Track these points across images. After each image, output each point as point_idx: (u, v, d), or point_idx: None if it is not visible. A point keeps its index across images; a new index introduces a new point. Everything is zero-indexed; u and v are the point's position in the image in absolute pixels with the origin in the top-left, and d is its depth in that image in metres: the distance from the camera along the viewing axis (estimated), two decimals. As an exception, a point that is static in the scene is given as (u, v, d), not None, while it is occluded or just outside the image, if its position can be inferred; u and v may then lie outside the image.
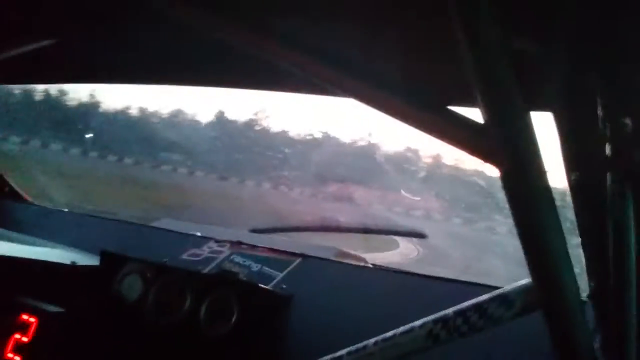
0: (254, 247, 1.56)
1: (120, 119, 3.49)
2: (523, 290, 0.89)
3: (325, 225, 1.85)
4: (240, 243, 1.58)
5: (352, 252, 1.73)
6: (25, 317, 1.27)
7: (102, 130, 3.48)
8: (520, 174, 0.69)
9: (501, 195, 0.72)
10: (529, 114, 0.67)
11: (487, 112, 0.67)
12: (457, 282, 1.37)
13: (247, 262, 1.47)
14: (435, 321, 0.96)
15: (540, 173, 0.69)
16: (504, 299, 0.91)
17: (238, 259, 1.49)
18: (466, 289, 1.33)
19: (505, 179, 0.71)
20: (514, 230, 0.73)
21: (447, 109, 0.75)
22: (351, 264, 1.53)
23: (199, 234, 1.70)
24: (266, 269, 1.44)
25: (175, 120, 3.67)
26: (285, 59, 0.80)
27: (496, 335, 0.94)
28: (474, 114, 0.72)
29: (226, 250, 1.54)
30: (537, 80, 0.70)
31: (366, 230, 1.87)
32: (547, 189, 0.70)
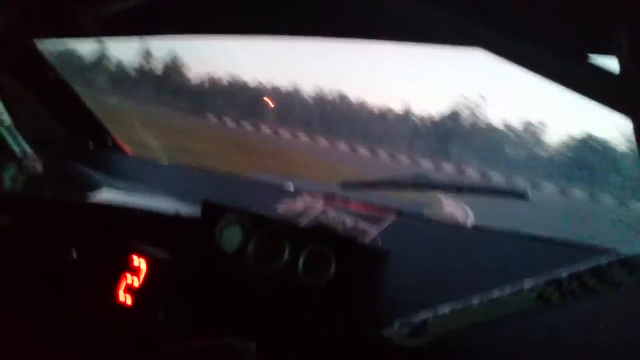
0: (347, 201, 1.55)
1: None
2: None
3: (417, 182, 1.80)
4: (333, 197, 1.58)
5: (446, 210, 1.69)
6: (136, 262, 1.35)
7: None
8: None
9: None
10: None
11: (629, 59, 0.61)
12: (565, 243, 1.29)
13: (342, 217, 1.47)
14: (547, 283, 0.91)
15: None
16: (626, 263, 0.84)
17: (332, 212, 1.49)
18: (574, 250, 1.26)
19: None
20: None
21: (580, 57, 0.69)
22: (447, 222, 1.49)
23: (292, 187, 1.71)
24: (361, 223, 1.43)
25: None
26: (410, 6, 0.76)
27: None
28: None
29: (320, 204, 1.55)
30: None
31: (461, 189, 1.80)
32: None
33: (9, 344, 1.28)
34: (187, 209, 1.53)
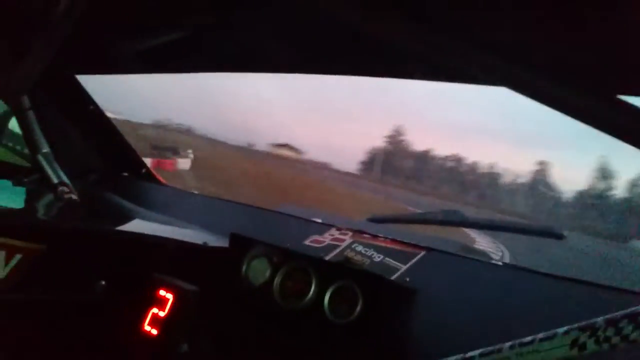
0: (375, 236, 1.53)
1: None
2: None
3: (447, 218, 1.77)
4: (361, 232, 1.56)
5: (478, 247, 1.64)
6: (162, 292, 1.35)
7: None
8: None
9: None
10: None
11: None
12: (602, 286, 1.24)
13: (370, 252, 1.44)
14: (581, 329, 0.87)
15: None
16: (665, 311, 0.80)
17: (360, 248, 1.47)
18: (612, 294, 1.20)
19: None
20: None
21: (617, 99, 0.67)
22: (479, 260, 1.44)
23: (320, 220, 1.70)
24: (389, 260, 1.40)
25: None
26: (436, 46, 0.76)
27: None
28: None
29: (348, 239, 1.53)
30: None
31: (493, 227, 1.75)
32: None
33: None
34: (216, 241, 1.54)
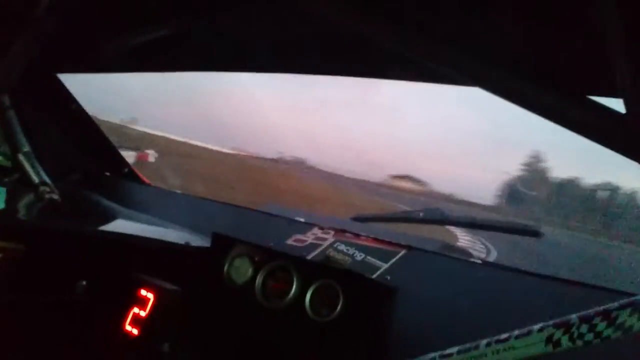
0: (357, 235, 1.54)
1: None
2: None
3: (428, 216, 1.79)
4: (343, 231, 1.57)
5: (459, 245, 1.66)
6: (143, 292, 1.35)
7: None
8: None
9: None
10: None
11: (635, 100, 0.60)
12: (579, 284, 1.26)
13: (351, 251, 1.46)
14: (556, 325, 0.88)
15: None
16: (637, 308, 0.82)
17: (342, 247, 1.49)
18: (589, 292, 1.23)
19: None
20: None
21: (584, 98, 0.68)
22: (459, 258, 1.46)
23: (302, 220, 1.71)
24: (370, 258, 1.42)
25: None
26: (410, 46, 0.77)
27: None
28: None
29: (330, 238, 1.54)
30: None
31: (473, 225, 1.78)
32: None
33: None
34: (198, 240, 1.54)
